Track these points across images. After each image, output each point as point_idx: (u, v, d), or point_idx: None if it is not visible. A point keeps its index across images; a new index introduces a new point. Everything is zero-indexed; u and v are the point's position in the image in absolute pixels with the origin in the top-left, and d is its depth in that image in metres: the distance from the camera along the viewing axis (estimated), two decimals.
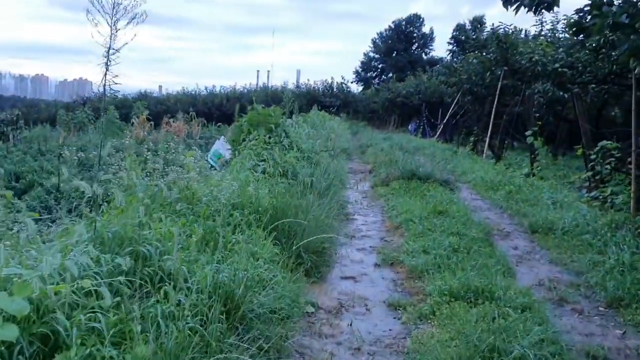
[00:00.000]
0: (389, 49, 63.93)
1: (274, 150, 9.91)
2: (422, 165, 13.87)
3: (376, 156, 18.24)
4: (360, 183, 13.84)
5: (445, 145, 23.08)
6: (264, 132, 10.84)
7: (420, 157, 19.90)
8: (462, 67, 25.61)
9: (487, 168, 15.49)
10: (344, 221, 9.54)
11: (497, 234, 8.87)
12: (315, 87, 49.67)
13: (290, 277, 5.89)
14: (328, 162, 13.09)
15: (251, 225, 6.54)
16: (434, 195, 10.83)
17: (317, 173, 10.55)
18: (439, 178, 12.82)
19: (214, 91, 51.05)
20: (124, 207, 4.75)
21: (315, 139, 14.67)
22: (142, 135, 29.17)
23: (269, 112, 11.27)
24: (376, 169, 15.45)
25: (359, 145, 23.45)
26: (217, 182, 7.13)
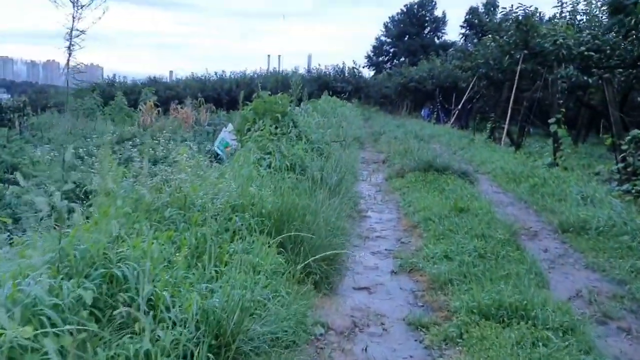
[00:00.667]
0: (401, 32, 62.75)
1: (281, 142, 9.14)
2: (438, 155, 13.04)
3: (390, 145, 17.41)
4: (374, 175, 13.03)
5: (460, 132, 22.21)
6: (270, 121, 10.05)
7: (435, 145, 19.08)
8: (478, 51, 24.69)
9: (506, 157, 14.63)
10: (357, 219, 8.75)
11: (525, 234, 8.06)
12: (326, 72, 48.74)
13: (296, 291, 5.15)
14: (339, 153, 12.31)
15: (253, 230, 5.79)
16: (453, 189, 10.03)
17: (328, 166, 9.76)
18: (457, 169, 12.01)
19: (223, 76, 50.23)
20: (97, 218, 3.99)
21: (325, 128, 13.89)
22: (150, 122, 28.53)
23: (276, 99, 10.48)
24: (390, 158, 14.65)
25: (371, 132, 22.60)
26: (215, 181, 6.37)
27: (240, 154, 8.71)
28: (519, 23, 16.24)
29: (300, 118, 11.60)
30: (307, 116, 11.95)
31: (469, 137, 20.01)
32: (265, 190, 6.88)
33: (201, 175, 6.26)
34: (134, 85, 49.87)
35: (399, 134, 19.58)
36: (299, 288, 5.25)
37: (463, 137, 20.18)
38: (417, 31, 62.15)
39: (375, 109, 46.12)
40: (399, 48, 62.70)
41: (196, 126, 28.32)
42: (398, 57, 62.82)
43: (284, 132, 10.04)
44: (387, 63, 64.41)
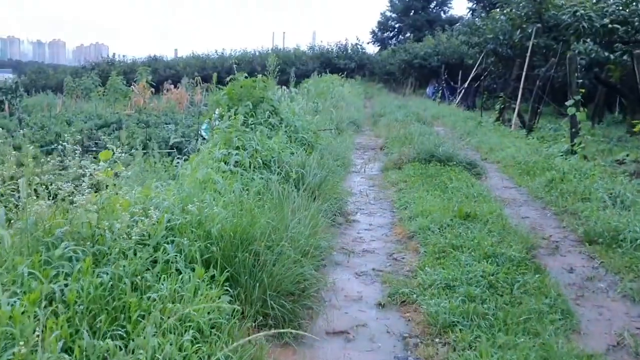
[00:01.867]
0: (406, 7, 60.65)
1: (255, 134, 7.65)
2: (441, 144, 11.53)
3: (389, 128, 15.88)
4: (369, 164, 11.55)
5: (467, 113, 20.56)
6: (247, 108, 8.56)
7: (439, 127, 17.55)
8: (486, 25, 22.97)
9: (518, 143, 13.08)
10: (343, 225, 7.29)
11: (544, 247, 6.57)
12: (329, 49, 47.00)
13: (241, 352, 3.72)
14: (329, 141, 10.84)
15: (194, 261, 4.35)
16: (458, 187, 8.53)
17: (312, 160, 8.28)
18: (463, 159, 10.51)
19: (224, 55, 48.56)
20: None
21: (316, 113, 12.40)
22: (143, 103, 27.04)
23: (253, 82, 8.96)
24: (388, 145, 13.13)
25: (370, 114, 21.02)
26: (149, 193, 4.91)
27: (203, 151, 7.24)
28: None
29: (284, 103, 10.11)
30: (291, 101, 10.41)
31: (476, 119, 18.42)
32: (221, 200, 5.43)
33: (126, 188, 4.79)
34: (133, 64, 48.24)
35: (400, 115, 18.01)
36: (248, 347, 3.82)
37: (469, 118, 18.60)
38: (423, 6, 60.06)
39: (379, 87, 44.45)
40: (405, 23, 60.67)
41: (191, 106, 26.86)
42: (403, 32, 60.86)
43: (262, 120, 8.56)
44: (393, 39, 62.47)
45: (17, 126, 17.06)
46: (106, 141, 14.31)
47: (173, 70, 46.36)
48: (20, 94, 31.70)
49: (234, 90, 8.86)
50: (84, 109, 27.16)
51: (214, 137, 7.66)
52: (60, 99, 31.11)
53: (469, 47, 25.16)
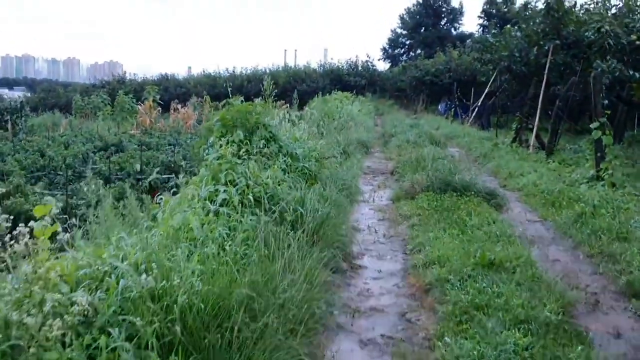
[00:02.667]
0: (417, 24, 59.94)
1: (248, 165, 6.67)
2: (457, 171, 10.51)
3: (400, 150, 14.87)
4: (378, 192, 10.54)
5: (481, 133, 19.46)
6: (240, 136, 7.59)
7: (453, 148, 16.51)
8: (499, 42, 21.95)
9: (538, 168, 12.02)
10: (347, 273, 6.27)
11: (581, 304, 5.50)
12: (339, 66, 46.16)
13: None
14: (335, 167, 9.85)
15: (150, 348, 3.35)
16: (478, 224, 7.48)
17: (313, 194, 7.28)
18: (481, 189, 9.47)
19: (234, 73, 47.87)
20: None
21: (321, 136, 11.44)
22: (149, 123, 26.23)
23: (248, 107, 7.99)
24: (400, 169, 12.10)
25: (381, 134, 20.01)
26: (102, 253, 3.93)
27: (187, 187, 6.27)
28: (550, 8, 13.61)
29: (284, 128, 9.14)
30: (292, 125, 9.41)
31: (492, 140, 17.36)
32: (197, 255, 4.45)
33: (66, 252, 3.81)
34: (143, 82, 47.66)
35: (412, 135, 16.99)
36: None
37: (485, 139, 17.54)
38: (434, 22, 59.29)
39: (390, 103, 43.52)
40: (415, 40, 59.94)
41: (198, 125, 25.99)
42: (414, 49, 60.08)
43: (256, 149, 7.58)
44: (403, 55, 61.73)
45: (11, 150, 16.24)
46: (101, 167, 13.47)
47: (184, 89, 45.72)
48: (26, 113, 31.05)
49: (227, 115, 7.90)
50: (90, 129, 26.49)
51: (200, 171, 6.68)
52: (64, 119, 30.39)
53: (481, 64, 24.13)
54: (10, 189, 10.96)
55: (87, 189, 6.38)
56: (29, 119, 30.86)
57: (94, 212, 5.66)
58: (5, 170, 12.94)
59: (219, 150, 6.92)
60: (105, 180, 12.82)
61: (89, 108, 36.48)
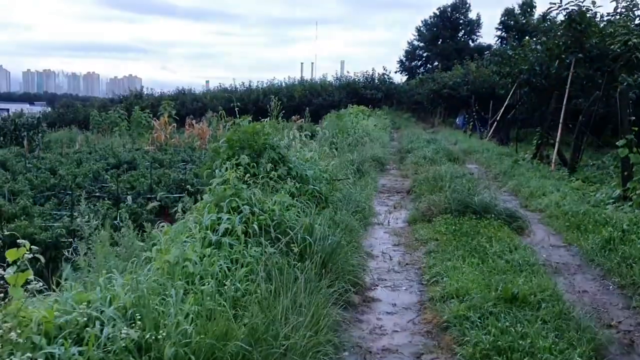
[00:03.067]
0: (434, 36, 59.55)
1: (254, 191, 6.30)
2: (476, 191, 10.05)
3: (417, 167, 14.44)
4: (394, 213, 10.11)
5: (501, 148, 18.93)
6: (247, 159, 7.22)
7: (472, 165, 16.04)
8: (519, 54, 21.49)
9: (561, 186, 11.49)
10: (358, 307, 5.84)
11: (614, 343, 5.02)
12: (355, 79, 45.84)
13: None
14: (348, 188, 9.44)
15: None
16: (500, 252, 7.02)
17: (323, 219, 6.88)
18: (502, 211, 9.00)
19: (250, 86, 47.76)
20: None
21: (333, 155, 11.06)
22: (164, 139, 26.04)
23: (256, 127, 7.62)
24: (416, 188, 11.66)
25: (397, 150, 19.58)
26: (86, 298, 3.57)
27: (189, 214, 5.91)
28: (572, 20, 13.14)
29: (294, 149, 8.77)
30: (302, 146, 9.00)
31: (512, 155, 16.85)
32: (192, 295, 4.08)
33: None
34: (160, 97, 47.72)
35: (429, 151, 16.54)
36: None
37: (504, 154, 17.02)
38: (451, 35, 58.85)
39: (407, 116, 43.11)
40: (432, 52, 59.59)
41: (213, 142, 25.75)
42: (431, 61, 59.73)
43: (264, 172, 7.20)
44: (420, 68, 61.34)
45: (23, 167, 16.05)
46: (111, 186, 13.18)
47: (200, 103, 45.70)
48: (43, 129, 31.10)
49: (234, 136, 7.55)
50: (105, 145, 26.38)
51: (204, 197, 6.32)
52: (80, 135, 30.33)
53: (500, 77, 23.64)
54: (16, 211, 10.72)
55: (83, 215, 6.03)
56: (45, 134, 30.94)
57: (87, 244, 5.32)
58: (15, 189, 12.72)
59: (224, 174, 6.55)
60: (115, 200, 12.57)
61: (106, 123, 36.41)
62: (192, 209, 6.37)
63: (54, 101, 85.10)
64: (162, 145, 24.25)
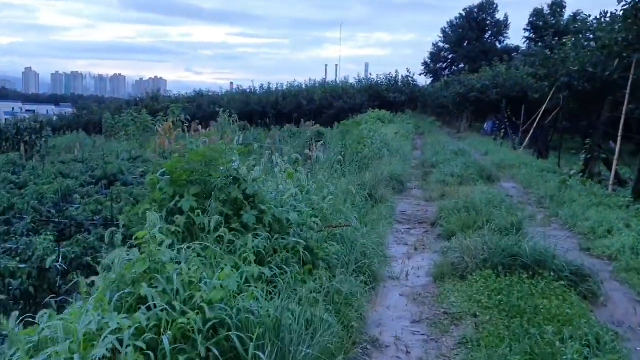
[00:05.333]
0: (459, 38, 56.61)
1: (182, 268, 3.80)
2: (522, 229, 7.44)
3: (444, 187, 11.84)
4: (414, 258, 7.53)
5: (540, 162, 16.06)
6: (191, 203, 4.72)
7: (508, 183, 13.35)
8: (558, 55, 18.75)
9: (631, 220, 8.77)
10: None
11: None
12: (378, 81, 43.18)
13: None
14: (352, 230, 6.88)
15: None
16: (575, 352, 4.41)
17: (304, 301, 4.36)
18: (563, 266, 6.36)
19: (270, 88, 45.37)
20: None
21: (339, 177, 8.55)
22: (167, 145, 23.72)
23: (209, 153, 5.09)
24: (444, 220, 9.05)
25: (420, 162, 16.90)
26: None
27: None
28: (638, 10, 10.46)
29: (274, 181, 6.21)
30: (282, 177, 6.39)
31: (555, 172, 14.11)
32: None
33: None
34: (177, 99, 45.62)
35: (457, 166, 13.91)
36: None
37: (546, 171, 14.24)
38: (477, 36, 55.84)
39: (431, 120, 40.42)
40: (458, 54, 56.66)
41: None
42: (457, 63, 56.81)
43: (219, 222, 4.69)
44: (445, 70, 58.46)
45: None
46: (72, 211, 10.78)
47: (217, 106, 43.37)
48: (47, 134, 29.01)
49: (180, 166, 5.04)
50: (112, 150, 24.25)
51: (107, 277, 3.84)
52: (85, 140, 28.03)
53: (536, 79, 20.84)
54: None
55: None
56: (50, 139, 28.83)
57: None
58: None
59: (150, 229, 4.06)
60: (77, 227, 10.22)
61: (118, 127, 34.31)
62: (84, 288, 3.88)
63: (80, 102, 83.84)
64: (164, 152, 21.92)
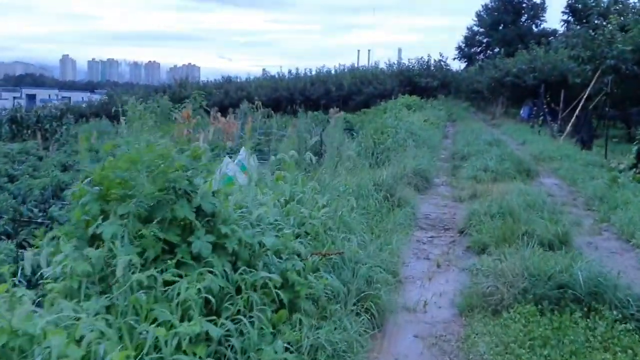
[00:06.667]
0: (495, 21, 53.99)
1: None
2: (577, 249, 5.91)
3: (475, 185, 10.30)
4: (436, 278, 6.05)
5: (585, 154, 14.18)
6: (115, 227, 3.34)
7: (548, 178, 11.72)
8: (603, 35, 16.91)
9: None
10: None
11: None
12: (409, 66, 41.29)
13: None
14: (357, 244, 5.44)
15: None
16: None
17: None
18: (628, 301, 4.83)
19: (298, 74, 43.87)
20: None
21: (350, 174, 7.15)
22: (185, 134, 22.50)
23: (162, 152, 3.69)
24: (474, 227, 7.52)
25: (450, 154, 15.26)
26: None
27: None
28: None
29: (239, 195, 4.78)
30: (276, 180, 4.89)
31: (602, 166, 12.38)
32: None
33: None
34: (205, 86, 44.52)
35: (491, 158, 12.30)
36: None
37: (592, 164, 12.48)
38: (513, 19, 53.17)
39: (465, 106, 38.51)
40: (493, 38, 54.06)
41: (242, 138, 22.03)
42: (492, 47, 54.29)
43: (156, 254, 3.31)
44: (480, 54, 56.00)
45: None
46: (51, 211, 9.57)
47: (245, 92, 42.11)
48: (67, 122, 28.14)
49: (113, 174, 3.66)
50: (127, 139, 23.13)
51: None
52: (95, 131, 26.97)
53: (578, 62, 18.94)
54: None
55: None
56: (71, 127, 27.91)
57: None
58: None
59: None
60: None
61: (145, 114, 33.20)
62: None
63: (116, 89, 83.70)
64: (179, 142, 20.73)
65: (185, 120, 23.27)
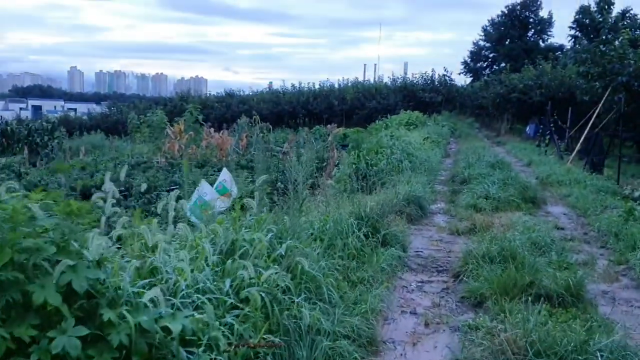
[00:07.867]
0: (501, 36, 53.00)
1: None
2: (594, 306, 4.79)
3: (475, 215, 9.16)
4: (423, 342, 4.93)
5: (595, 180, 12.86)
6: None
7: (557, 207, 10.58)
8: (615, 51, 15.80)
9: None
10: None
11: None
12: (413, 80, 40.26)
13: None
14: (316, 321, 4.32)
15: None
16: None
17: None
18: None
19: (301, 88, 42.90)
20: None
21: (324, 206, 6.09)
22: (177, 149, 21.49)
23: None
24: (471, 272, 6.40)
25: (450, 176, 14.10)
26: None
27: None
28: None
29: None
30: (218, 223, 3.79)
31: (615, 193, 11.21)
32: None
33: None
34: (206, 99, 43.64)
35: (493, 183, 11.19)
36: None
37: (604, 191, 11.25)
38: (520, 34, 52.16)
39: (469, 122, 37.39)
40: (499, 53, 53.02)
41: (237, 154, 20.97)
42: (498, 62, 53.22)
43: None
44: (486, 69, 54.92)
45: None
46: None
47: (246, 106, 41.14)
48: (60, 134, 27.21)
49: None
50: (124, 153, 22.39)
51: None
52: (83, 147, 26.01)
53: (588, 79, 17.81)
54: None
55: None
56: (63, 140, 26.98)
57: None
58: None
59: None
60: None
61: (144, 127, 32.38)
62: None
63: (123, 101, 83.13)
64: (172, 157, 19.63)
65: (177, 135, 22.26)
